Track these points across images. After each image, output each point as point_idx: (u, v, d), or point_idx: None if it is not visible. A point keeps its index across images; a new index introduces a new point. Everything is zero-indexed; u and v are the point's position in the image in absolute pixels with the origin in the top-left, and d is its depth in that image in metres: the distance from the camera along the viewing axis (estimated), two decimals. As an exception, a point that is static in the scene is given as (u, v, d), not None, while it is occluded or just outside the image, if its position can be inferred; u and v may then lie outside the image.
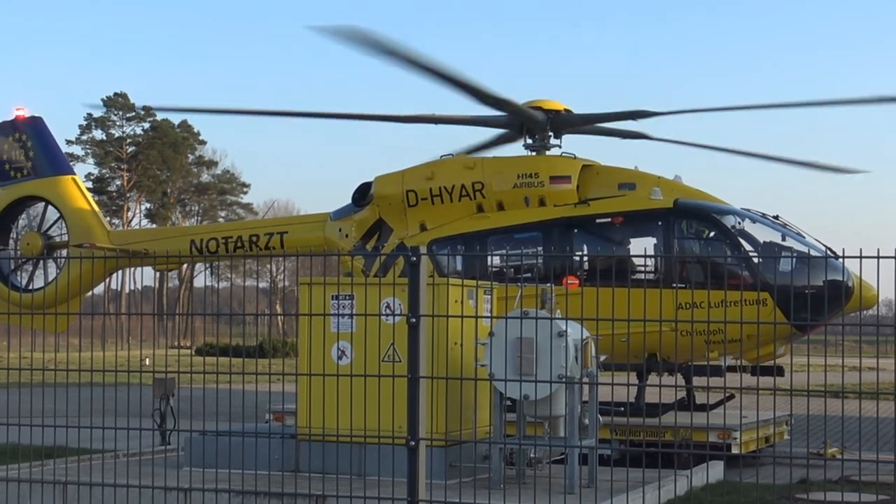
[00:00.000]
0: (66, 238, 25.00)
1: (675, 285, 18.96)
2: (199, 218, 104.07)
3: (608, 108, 21.36)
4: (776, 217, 20.46)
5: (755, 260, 19.43)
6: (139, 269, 27.14)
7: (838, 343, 15.14)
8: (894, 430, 19.26)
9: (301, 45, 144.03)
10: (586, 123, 21.92)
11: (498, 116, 21.13)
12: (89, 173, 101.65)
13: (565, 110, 21.39)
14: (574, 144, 21.54)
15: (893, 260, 8.36)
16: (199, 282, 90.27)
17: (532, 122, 21.09)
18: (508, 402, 13.32)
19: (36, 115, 25.86)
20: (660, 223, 20.03)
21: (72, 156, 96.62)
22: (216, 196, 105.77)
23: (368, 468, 12.85)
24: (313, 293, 13.66)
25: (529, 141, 21.43)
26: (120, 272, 31.92)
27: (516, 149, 21.87)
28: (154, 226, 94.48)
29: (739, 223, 19.92)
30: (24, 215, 26.48)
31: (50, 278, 25.18)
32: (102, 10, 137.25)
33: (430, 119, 21.42)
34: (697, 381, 19.73)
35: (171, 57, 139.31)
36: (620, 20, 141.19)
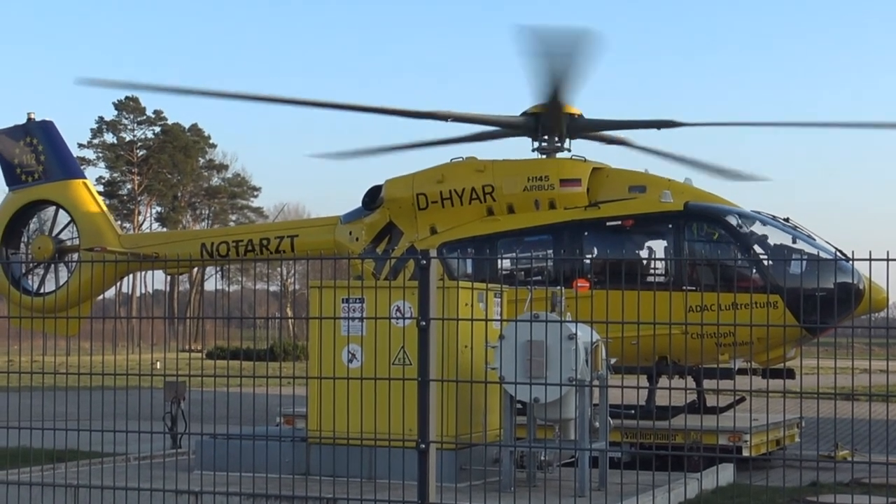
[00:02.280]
0: (77, 242, 25.05)
1: (685, 288, 18.94)
2: (210, 221, 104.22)
3: (622, 116, 21.31)
4: (786, 219, 20.44)
5: (765, 262, 19.41)
6: (150, 272, 27.14)
7: (848, 345, 15.11)
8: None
9: (311, 47, 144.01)
10: (606, 129, 21.84)
11: (514, 117, 21.07)
12: (100, 177, 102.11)
13: (579, 115, 21.34)
14: (584, 147, 21.54)
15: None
16: (209, 285, 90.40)
17: (552, 123, 20.95)
18: (519, 405, 13.33)
19: (47, 119, 25.95)
20: (670, 226, 20.01)
21: (83, 159, 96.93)
22: (227, 199, 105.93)
23: (379, 471, 12.83)
24: (324, 296, 13.67)
25: (541, 144, 21.39)
26: (131, 276, 31.94)
27: (525, 152, 21.86)
28: (165, 229, 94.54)
29: (749, 225, 19.90)
30: (35, 219, 26.55)
31: (61, 282, 25.24)
32: (114, 13, 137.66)
33: (444, 116, 21.28)
34: (708, 383, 19.72)
35: (183, 61, 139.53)
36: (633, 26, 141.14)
